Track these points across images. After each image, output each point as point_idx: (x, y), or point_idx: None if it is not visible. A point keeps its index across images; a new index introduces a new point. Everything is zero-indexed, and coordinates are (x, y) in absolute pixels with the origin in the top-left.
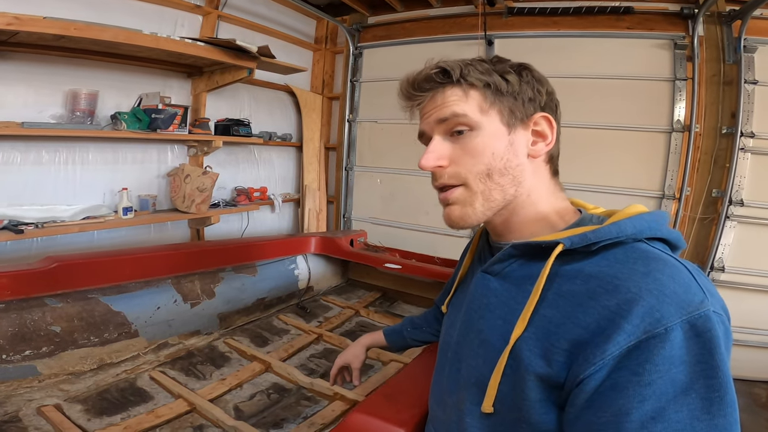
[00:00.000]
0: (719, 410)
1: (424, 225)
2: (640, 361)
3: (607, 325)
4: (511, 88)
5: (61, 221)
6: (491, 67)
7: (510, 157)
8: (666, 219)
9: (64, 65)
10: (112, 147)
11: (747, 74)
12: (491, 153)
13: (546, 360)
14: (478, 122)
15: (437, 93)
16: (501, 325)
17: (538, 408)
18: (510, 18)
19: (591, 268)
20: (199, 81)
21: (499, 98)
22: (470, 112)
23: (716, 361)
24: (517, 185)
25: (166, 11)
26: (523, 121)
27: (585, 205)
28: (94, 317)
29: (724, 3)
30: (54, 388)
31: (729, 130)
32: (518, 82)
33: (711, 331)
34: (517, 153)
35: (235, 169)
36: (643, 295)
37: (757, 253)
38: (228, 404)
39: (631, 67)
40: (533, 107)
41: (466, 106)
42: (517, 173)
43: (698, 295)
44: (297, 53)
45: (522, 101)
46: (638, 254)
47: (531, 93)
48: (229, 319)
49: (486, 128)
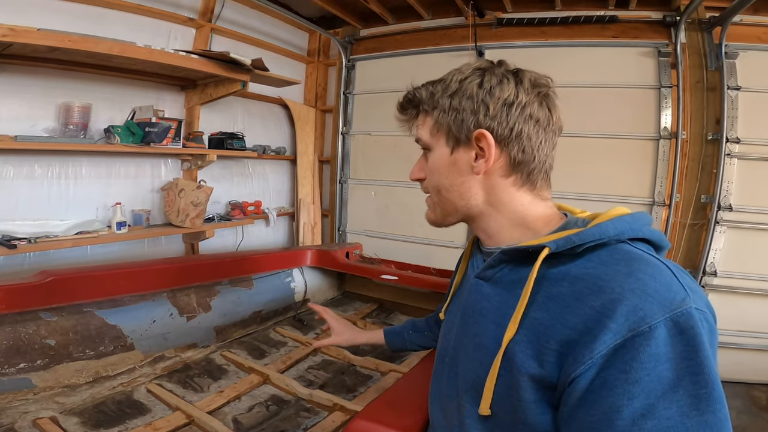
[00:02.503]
0: (708, 407)
1: (419, 236)
2: (627, 359)
3: (594, 325)
4: (455, 106)
5: (54, 236)
6: (442, 89)
7: (453, 176)
8: (647, 220)
9: (58, 78)
10: (105, 161)
11: (729, 80)
12: (438, 172)
13: (538, 361)
14: (430, 144)
15: (413, 117)
16: (494, 328)
17: (534, 409)
18: (499, 29)
19: (577, 270)
20: (192, 94)
21: (442, 121)
22: (424, 136)
23: (701, 357)
24: (466, 200)
25: (160, 24)
26: (466, 139)
27: (572, 210)
28: (89, 330)
29: (704, 10)
30: (49, 400)
31: (714, 136)
32: (463, 98)
33: (694, 329)
34: (461, 171)
35: (230, 183)
36: (626, 295)
37: (747, 257)
38: (227, 416)
39: (618, 75)
40: (474, 123)
41: (422, 131)
42: (463, 190)
43: (680, 293)
44: (290, 66)
45: (462, 120)
46: (621, 255)
47: (473, 106)
48: (226, 332)
49: (435, 149)
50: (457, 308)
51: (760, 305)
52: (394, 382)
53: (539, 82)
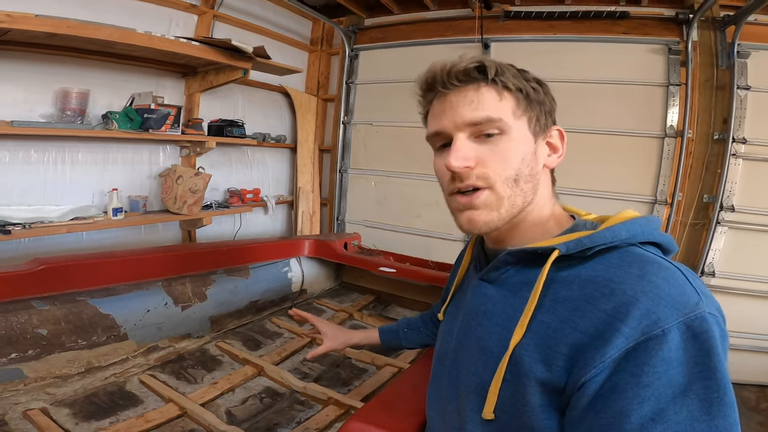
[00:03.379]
0: (719, 411)
1: (418, 228)
2: (639, 363)
3: (605, 328)
4: (539, 97)
5: (50, 222)
6: (519, 73)
7: (534, 165)
8: (658, 223)
9: (55, 64)
10: (102, 147)
11: (740, 80)
12: (521, 158)
13: (546, 365)
14: (512, 127)
15: (469, 90)
16: (499, 331)
17: (540, 413)
18: (507, 22)
19: (587, 273)
20: (192, 81)
21: (529, 105)
22: (505, 116)
23: (713, 362)
24: (534, 193)
25: (161, 10)
26: (544, 131)
27: (577, 212)
28: (81, 320)
29: (718, 8)
30: (40, 391)
31: (721, 135)
32: (542, 92)
33: (707, 333)
34: (539, 161)
35: (228, 171)
36: (639, 298)
37: (746, 259)
38: (220, 408)
39: (626, 71)
40: (551, 119)
41: (501, 110)
42: (538, 180)
43: (693, 297)
44: (292, 54)
45: (545, 112)
46: (632, 258)
47: (550, 105)
48: (221, 322)
49: (517, 133)
50: (458, 309)
51: (755, 306)
52: (391, 382)
53: None
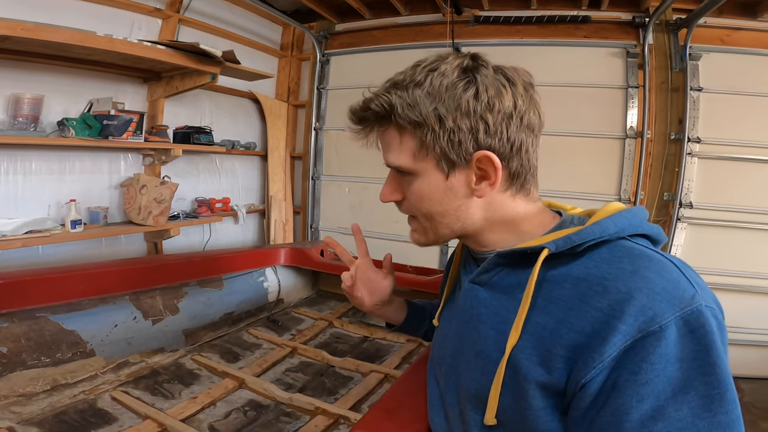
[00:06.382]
0: (720, 407)
1: (395, 234)
2: (637, 360)
3: (602, 327)
4: (449, 125)
5: (2, 236)
6: (441, 89)
7: (448, 201)
8: (645, 215)
9: (7, 68)
10: (58, 156)
11: (692, 81)
12: (429, 199)
13: (545, 367)
14: (414, 169)
15: (380, 131)
16: (495, 335)
17: (543, 416)
18: (476, 26)
19: (578, 270)
20: (156, 86)
21: (435, 141)
22: (405, 162)
23: (713, 357)
24: (463, 221)
25: (121, 14)
26: (465, 161)
27: (563, 207)
28: (43, 337)
29: (671, 12)
30: (5, 410)
31: (677, 135)
32: (458, 113)
33: (705, 327)
34: (457, 195)
35: (196, 179)
36: (633, 294)
37: (707, 253)
38: (202, 423)
39: (588, 74)
40: (473, 144)
41: (401, 155)
42: (460, 213)
43: (689, 290)
44: (262, 59)
45: (459, 141)
46: (623, 252)
47: (470, 124)
48: (196, 335)
49: (422, 175)
50: (452, 314)
51: (724, 299)
52: (388, 389)
53: (528, 82)
